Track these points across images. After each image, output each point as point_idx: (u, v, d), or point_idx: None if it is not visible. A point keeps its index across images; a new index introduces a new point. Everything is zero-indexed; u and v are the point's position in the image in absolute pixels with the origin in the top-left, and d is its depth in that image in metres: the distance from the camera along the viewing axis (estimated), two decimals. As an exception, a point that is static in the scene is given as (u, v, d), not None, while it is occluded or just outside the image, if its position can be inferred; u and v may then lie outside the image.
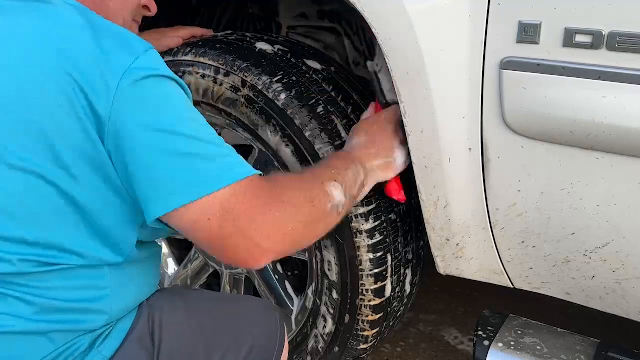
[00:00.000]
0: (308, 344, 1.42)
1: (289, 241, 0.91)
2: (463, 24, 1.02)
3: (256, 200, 0.87)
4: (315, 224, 0.96)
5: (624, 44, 0.90)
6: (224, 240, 0.86)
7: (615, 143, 0.95)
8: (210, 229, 0.85)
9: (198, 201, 0.83)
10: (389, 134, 1.14)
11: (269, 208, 0.88)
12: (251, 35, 1.40)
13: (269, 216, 0.87)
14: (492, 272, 1.21)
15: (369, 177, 1.10)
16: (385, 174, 1.14)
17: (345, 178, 1.03)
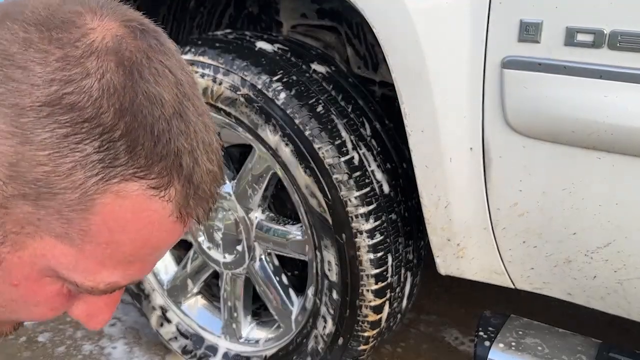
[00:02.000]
0: (308, 345, 1.42)
1: None
2: (464, 23, 1.02)
3: None
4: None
5: (626, 42, 0.90)
6: None
7: (617, 142, 0.95)
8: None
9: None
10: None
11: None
12: (251, 34, 1.40)
13: None
14: (493, 273, 1.21)
15: None
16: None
17: None
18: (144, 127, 0.47)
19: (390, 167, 1.28)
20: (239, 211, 1.42)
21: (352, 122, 1.26)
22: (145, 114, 0.47)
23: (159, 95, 0.48)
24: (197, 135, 0.50)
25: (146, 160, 0.47)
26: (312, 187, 1.24)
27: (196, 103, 0.51)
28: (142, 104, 0.47)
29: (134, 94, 0.46)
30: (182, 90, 0.50)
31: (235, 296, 1.54)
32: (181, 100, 0.49)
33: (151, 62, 0.48)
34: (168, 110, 0.48)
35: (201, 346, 1.63)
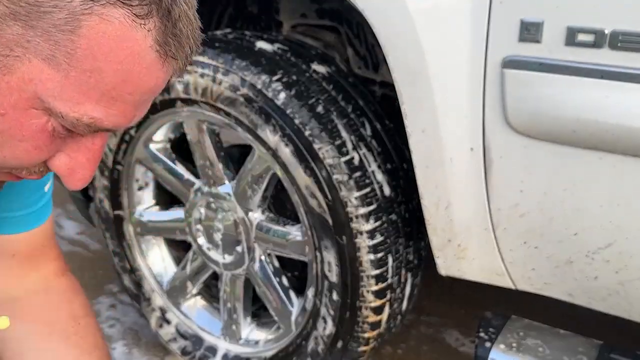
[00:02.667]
0: (308, 346, 1.41)
1: None
2: (464, 22, 1.01)
3: None
4: None
5: (627, 42, 0.90)
6: None
7: (618, 142, 0.95)
8: None
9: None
10: None
11: None
12: (250, 33, 1.39)
13: None
14: (494, 273, 1.20)
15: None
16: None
17: None
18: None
19: (391, 168, 1.28)
20: (239, 212, 1.41)
21: (352, 122, 1.25)
22: None
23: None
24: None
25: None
26: (312, 188, 1.24)
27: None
28: None
29: None
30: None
31: (235, 297, 1.54)
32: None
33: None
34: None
35: (201, 347, 1.63)
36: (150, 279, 1.67)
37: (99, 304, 1.97)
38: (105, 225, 1.68)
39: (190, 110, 1.38)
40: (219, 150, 1.43)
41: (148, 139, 1.52)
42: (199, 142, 1.43)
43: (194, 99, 1.33)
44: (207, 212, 1.47)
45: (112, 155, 1.55)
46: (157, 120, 1.46)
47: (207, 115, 1.36)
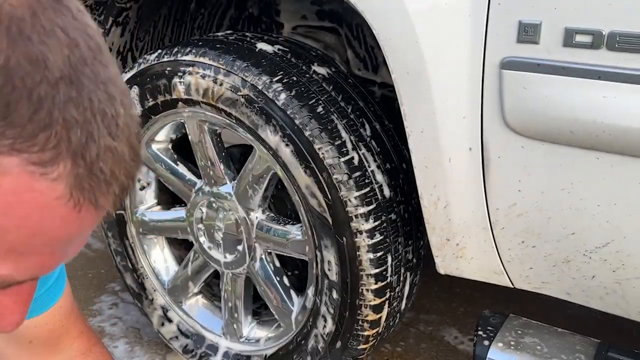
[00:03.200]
0: (308, 344, 1.42)
1: None
2: (463, 23, 1.02)
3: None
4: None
5: (624, 43, 0.90)
6: None
7: (616, 143, 0.95)
8: None
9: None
10: None
11: None
12: (251, 35, 1.40)
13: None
14: (492, 272, 1.21)
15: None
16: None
17: None
18: (20, 91, 0.40)
19: (390, 168, 1.28)
20: (240, 211, 1.42)
21: (352, 123, 1.26)
22: (22, 76, 0.40)
23: (42, 56, 0.41)
24: (94, 105, 0.43)
25: (24, 129, 0.40)
26: (312, 187, 1.25)
27: (96, 69, 0.44)
28: (20, 65, 0.40)
29: (9, 54, 0.40)
30: (78, 53, 0.43)
31: (236, 296, 1.55)
32: (74, 64, 0.42)
33: (37, 20, 0.41)
34: (53, 73, 0.41)
35: (202, 345, 1.64)
36: (152, 277, 1.68)
37: (101, 303, 1.98)
38: (107, 224, 1.69)
39: (192, 110, 1.39)
40: (220, 151, 1.44)
41: (150, 139, 1.53)
42: (200, 142, 1.44)
43: (195, 99, 1.34)
44: (209, 212, 1.48)
45: (114, 155, 1.55)
46: (158, 120, 1.47)
47: (209, 115, 1.37)
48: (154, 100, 1.42)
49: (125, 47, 1.74)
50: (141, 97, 1.44)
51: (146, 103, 1.43)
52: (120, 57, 1.75)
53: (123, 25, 1.69)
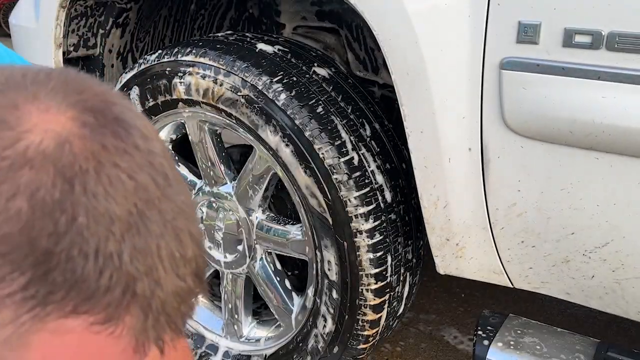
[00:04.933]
0: (308, 344, 1.42)
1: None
2: (463, 24, 1.02)
3: None
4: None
5: (623, 44, 0.90)
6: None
7: (615, 143, 0.95)
8: None
9: None
10: None
11: None
12: (251, 35, 1.40)
13: None
14: (492, 272, 1.21)
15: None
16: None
17: None
18: (85, 254, 0.38)
19: (390, 168, 1.29)
20: (240, 211, 1.42)
21: (351, 123, 1.26)
22: (87, 237, 0.38)
23: (108, 211, 0.38)
24: (162, 250, 0.41)
25: (89, 292, 0.38)
26: (312, 188, 1.25)
27: (164, 207, 0.42)
28: (84, 225, 0.38)
29: (73, 213, 0.37)
30: (145, 196, 0.40)
31: (236, 295, 1.55)
32: (142, 210, 0.40)
33: (102, 168, 0.39)
34: (120, 227, 0.39)
35: (202, 345, 1.64)
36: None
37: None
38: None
39: (192, 111, 1.39)
40: (220, 151, 1.45)
41: (150, 139, 1.53)
42: (201, 143, 1.44)
43: (196, 100, 1.34)
44: (209, 212, 1.49)
45: (114, 155, 1.56)
46: (159, 121, 1.47)
47: (209, 115, 1.37)
48: (154, 101, 1.42)
49: (125, 48, 1.74)
50: (141, 98, 1.44)
51: (146, 103, 1.44)
52: (121, 58, 1.75)
53: (123, 26, 1.69)
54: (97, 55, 1.70)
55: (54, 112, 0.39)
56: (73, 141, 0.39)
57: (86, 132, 0.39)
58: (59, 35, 1.57)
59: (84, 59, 1.71)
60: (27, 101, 0.39)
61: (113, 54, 1.73)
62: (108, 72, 1.74)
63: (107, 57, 1.72)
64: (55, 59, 1.61)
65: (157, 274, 0.41)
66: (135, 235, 0.40)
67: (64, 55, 1.62)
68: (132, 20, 1.70)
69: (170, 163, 0.44)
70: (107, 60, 1.73)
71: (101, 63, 1.72)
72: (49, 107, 0.39)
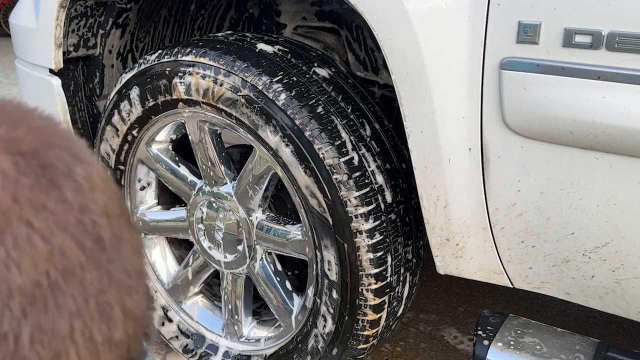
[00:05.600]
0: (308, 344, 1.42)
1: None
2: (463, 24, 1.02)
3: None
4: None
5: (624, 44, 0.90)
6: None
7: (615, 143, 0.96)
8: None
9: None
10: None
11: None
12: (251, 35, 1.40)
13: None
14: (492, 272, 1.22)
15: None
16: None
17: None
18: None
19: (390, 168, 1.29)
20: (240, 211, 1.42)
21: (351, 123, 1.27)
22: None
23: (7, 280, 0.32)
24: (75, 332, 0.34)
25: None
26: (312, 188, 1.25)
27: (88, 277, 0.35)
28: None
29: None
30: (62, 263, 0.34)
31: (236, 295, 1.55)
32: (54, 280, 0.34)
33: (8, 226, 0.33)
34: (21, 301, 0.33)
35: (202, 345, 1.64)
36: (152, 277, 1.69)
37: (101, 303, 1.98)
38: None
39: (192, 111, 1.39)
40: (220, 151, 1.45)
41: (150, 139, 1.53)
42: (201, 143, 1.44)
43: (196, 100, 1.34)
44: (209, 212, 1.49)
45: (115, 156, 1.56)
46: (159, 121, 1.47)
47: (209, 116, 1.37)
48: (154, 101, 1.42)
49: (125, 48, 1.74)
50: (141, 98, 1.44)
51: (146, 103, 1.44)
52: (121, 58, 1.75)
53: (123, 27, 1.69)
54: (97, 55, 1.71)
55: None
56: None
57: (4, 179, 0.33)
58: (59, 35, 1.57)
59: (84, 59, 1.71)
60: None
61: (113, 54, 1.73)
62: (108, 73, 1.74)
63: (107, 57, 1.72)
64: (56, 59, 1.61)
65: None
66: (42, 312, 0.33)
67: (64, 55, 1.62)
68: (132, 21, 1.70)
69: (115, 222, 0.37)
70: (107, 61, 1.73)
71: (101, 63, 1.72)
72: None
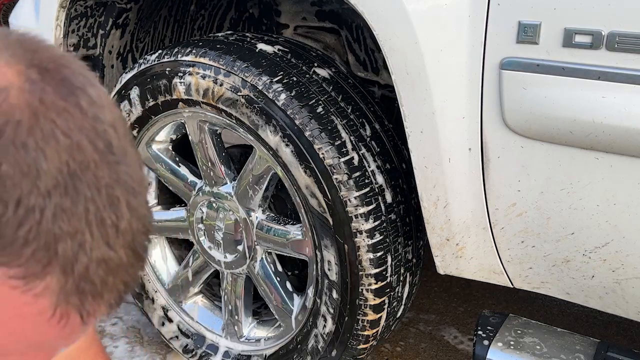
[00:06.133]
0: (308, 344, 1.42)
1: None
2: (463, 24, 1.02)
3: None
4: None
5: (624, 44, 0.91)
6: None
7: (615, 143, 0.96)
8: None
9: None
10: None
11: None
12: (251, 35, 1.40)
13: None
14: (492, 272, 1.22)
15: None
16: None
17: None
18: (4, 203, 0.37)
19: (390, 168, 1.29)
20: (240, 211, 1.42)
21: (351, 123, 1.27)
22: (10, 187, 0.37)
23: (36, 164, 0.38)
24: (90, 214, 0.40)
25: (6, 243, 0.38)
26: (312, 187, 1.25)
27: (100, 173, 0.41)
28: (8, 174, 0.37)
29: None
30: (79, 157, 0.40)
31: (236, 295, 1.55)
32: (73, 170, 0.39)
33: (37, 122, 0.39)
34: (47, 182, 0.38)
35: (202, 345, 1.64)
36: (152, 277, 1.69)
37: (101, 303, 1.98)
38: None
39: (192, 111, 1.39)
40: (220, 151, 1.45)
41: (150, 139, 1.53)
42: (201, 143, 1.44)
43: (196, 100, 1.34)
44: (209, 212, 1.49)
45: (114, 155, 1.56)
46: (159, 121, 1.47)
47: (209, 116, 1.37)
48: (154, 101, 1.42)
49: (125, 48, 1.74)
50: (141, 98, 1.44)
51: (146, 103, 1.44)
52: (121, 59, 1.75)
53: (123, 27, 1.69)
54: (97, 55, 1.71)
55: (1, 64, 0.39)
56: (11, 92, 0.38)
57: (26, 86, 0.39)
58: (59, 35, 1.57)
59: (84, 59, 1.71)
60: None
61: (113, 54, 1.73)
62: (108, 73, 1.74)
63: (107, 57, 1.72)
64: (56, 59, 1.60)
65: (82, 238, 0.40)
66: (63, 194, 0.39)
67: (64, 55, 1.62)
68: (132, 21, 1.70)
69: (122, 136, 0.43)
70: (107, 61, 1.73)
71: (101, 63, 1.72)
72: (1, 59, 0.40)
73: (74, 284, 0.40)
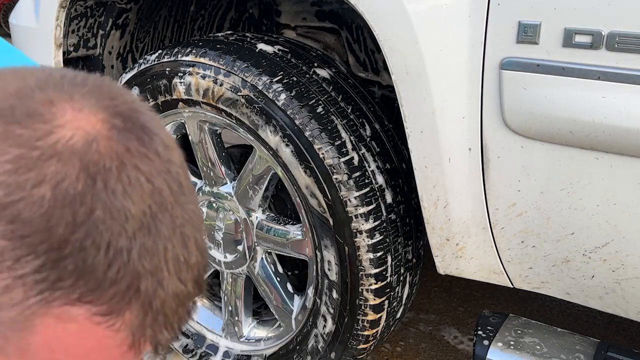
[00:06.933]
0: (308, 344, 1.42)
1: None
2: (463, 24, 1.02)
3: None
4: None
5: (624, 44, 0.91)
6: None
7: (615, 143, 0.96)
8: None
9: None
10: None
11: None
12: (251, 35, 1.40)
13: None
14: (492, 272, 1.22)
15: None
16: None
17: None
18: (97, 246, 0.40)
19: (390, 168, 1.29)
20: (240, 211, 1.42)
21: (351, 123, 1.27)
22: (102, 231, 0.40)
23: (124, 208, 0.41)
24: (168, 253, 0.43)
25: (96, 283, 0.40)
26: (312, 188, 1.25)
27: (175, 212, 0.44)
28: (100, 219, 0.40)
29: (91, 207, 0.40)
30: (159, 199, 0.43)
31: (236, 295, 1.55)
32: (155, 212, 0.43)
33: (123, 169, 0.42)
34: (133, 225, 0.41)
35: (202, 345, 1.64)
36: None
37: (101, 303, 1.98)
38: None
39: (192, 111, 1.39)
40: (220, 151, 1.45)
41: (150, 139, 1.53)
42: (201, 143, 1.44)
43: (196, 100, 1.34)
44: (209, 212, 1.49)
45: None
46: (158, 120, 1.47)
47: (209, 116, 1.37)
48: (154, 101, 1.42)
49: (125, 49, 1.74)
50: (141, 98, 1.44)
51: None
52: (121, 59, 1.75)
53: (123, 27, 1.69)
54: (97, 55, 1.71)
55: (86, 112, 0.42)
56: (100, 141, 0.41)
57: (114, 134, 0.42)
58: (59, 35, 1.58)
59: (84, 59, 1.71)
60: (63, 99, 0.42)
61: (113, 54, 1.73)
62: (108, 73, 1.74)
63: (107, 57, 1.72)
64: (56, 59, 1.61)
65: (161, 275, 0.43)
66: (146, 234, 0.42)
67: (64, 55, 1.62)
68: (132, 21, 1.70)
69: (186, 174, 0.47)
70: (107, 61, 1.73)
71: (101, 64, 1.72)
72: (82, 107, 0.42)
73: (152, 318, 0.43)
